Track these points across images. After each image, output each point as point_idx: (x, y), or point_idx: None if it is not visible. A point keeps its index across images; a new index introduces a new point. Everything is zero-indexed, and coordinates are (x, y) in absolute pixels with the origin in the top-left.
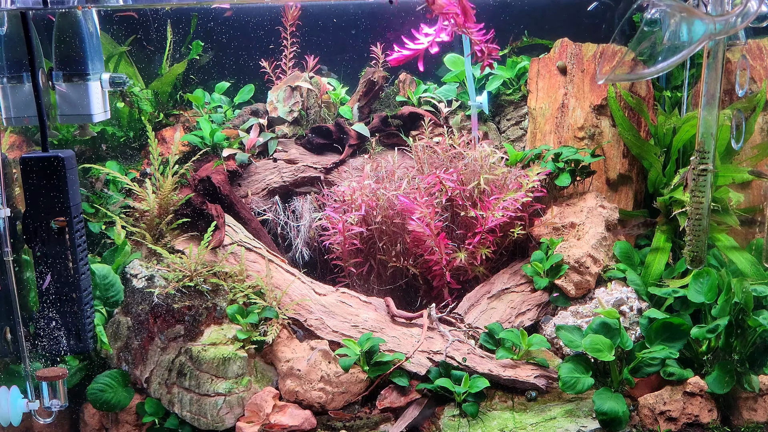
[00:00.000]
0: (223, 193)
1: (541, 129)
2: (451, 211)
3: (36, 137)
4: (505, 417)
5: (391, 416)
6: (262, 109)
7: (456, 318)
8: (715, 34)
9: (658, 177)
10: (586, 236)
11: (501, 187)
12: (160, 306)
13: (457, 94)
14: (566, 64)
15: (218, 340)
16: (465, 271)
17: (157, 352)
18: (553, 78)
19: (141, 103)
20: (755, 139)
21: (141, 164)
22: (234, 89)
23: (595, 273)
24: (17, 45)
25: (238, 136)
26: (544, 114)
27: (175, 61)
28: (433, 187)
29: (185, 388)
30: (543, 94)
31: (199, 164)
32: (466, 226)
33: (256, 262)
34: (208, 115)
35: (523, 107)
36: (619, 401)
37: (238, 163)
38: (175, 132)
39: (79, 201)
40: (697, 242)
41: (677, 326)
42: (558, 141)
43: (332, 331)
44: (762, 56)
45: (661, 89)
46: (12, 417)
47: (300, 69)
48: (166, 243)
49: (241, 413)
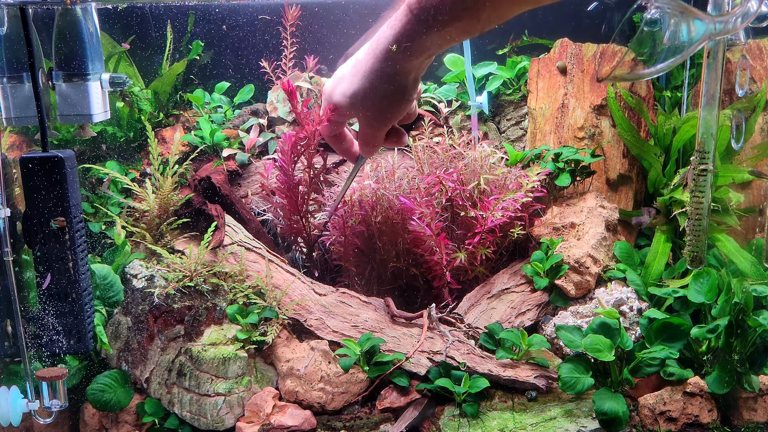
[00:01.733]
0: (223, 193)
1: (541, 129)
2: (451, 211)
3: (36, 137)
4: (505, 417)
5: (391, 416)
6: (262, 109)
7: (456, 318)
8: (715, 34)
9: (658, 177)
10: (586, 236)
11: (501, 188)
12: (160, 306)
13: (457, 94)
14: (566, 64)
15: (218, 340)
16: (465, 271)
17: (157, 352)
18: (553, 78)
19: (141, 103)
20: (755, 139)
21: (141, 164)
22: (234, 89)
23: (595, 273)
24: (17, 45)
25: (238, 136)
26: (544, 114)
27: (175, 60)
28: (433, 187)
29: (185, 388)
30: (543, 94)
31: (199, 164)
32: (466, 226)
33: (256, 262)
34: (208, 115)
35: (523, 107)
36: (619, 401)
37: (238, 163)
38: (175, 132)
39: (79, 201)
40: (697, 242)
41: (677, 326)
42: (558, 141)
43: (332, 331)
44: (762, 56)
45: (661, 89)
46: (12, 417)
47: (300, 69)
48: (166, 243)
49: (241, 413)
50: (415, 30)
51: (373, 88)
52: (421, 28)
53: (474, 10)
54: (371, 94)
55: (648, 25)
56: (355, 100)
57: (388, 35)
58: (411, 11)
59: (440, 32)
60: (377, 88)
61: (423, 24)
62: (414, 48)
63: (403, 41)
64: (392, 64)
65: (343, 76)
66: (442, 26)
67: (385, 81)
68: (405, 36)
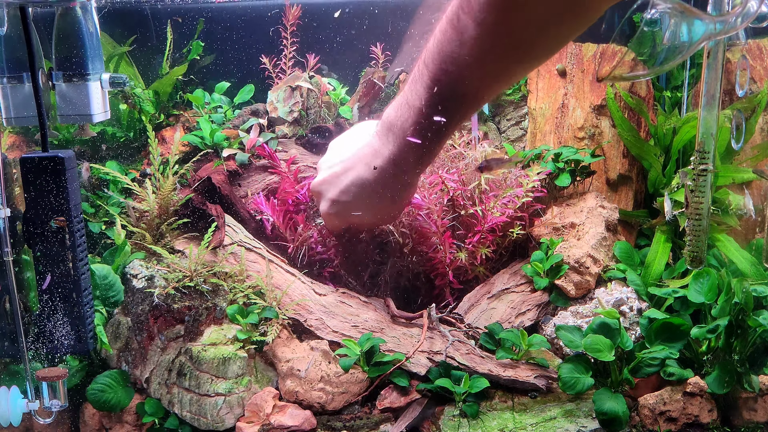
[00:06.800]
0: (223, 193)
1: (541, 129)
2: (452, 211)
3: (36, 137)
4: (505, 417)
5: (391, 416)
6: (262, 109)
7: (456, 318)
8: (715, 34)
9: (658, 177)
10: (586, 236)
11: (501, 187)
12: (160, 306)
13: None
14: (565, 66)
15: (218, 340)
16: (465, 271)
17: (157, 352)
18: (553, 78)
19: (142, 103)
20: (755, 140)
21: (141, 164)
22: (234, 89)
23: (595, 273)
24: (17, 45)
25: (238, 136)
26: (544, 114)
27: (176, 61)
28: (436, 186)
29: (185, 388)
30: (543, 94)
31: (199, 164)
32: (467, 226)
33: (256, 262)
34: (208, 116)
35: (523, 107)
36: (619, 401)
37: (238, 163)
38: (175, 132)
39: (79, 201)
40: (697, 242)
41: (677, 326)
42: (558, 141)
43: (332, 331)
44: (762, 56)
45: (661, 89)
46: (12, 417)
47: (300, 69)
48: (166, 243)
49: (241, 413)
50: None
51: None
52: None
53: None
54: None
55: (648, 25)
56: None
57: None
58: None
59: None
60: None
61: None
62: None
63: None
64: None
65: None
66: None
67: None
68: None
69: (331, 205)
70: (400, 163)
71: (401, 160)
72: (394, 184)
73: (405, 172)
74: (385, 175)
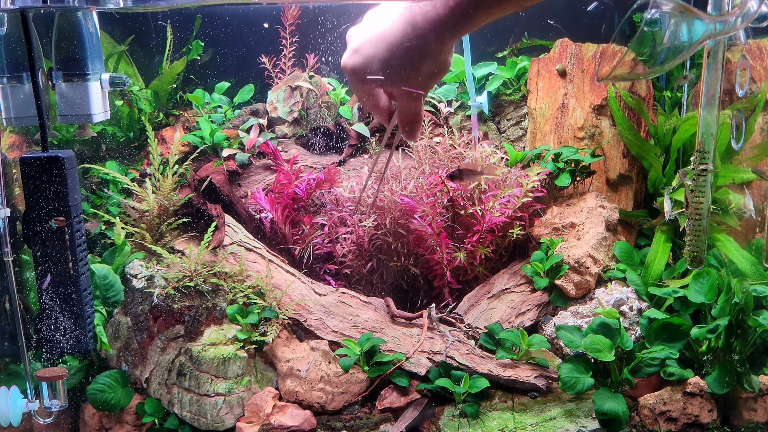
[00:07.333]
0: (223, 193)
1: (541, 129)
2: (452, 211)
3: (36, 137)
4: (505, 417)
5: (391, 416)
6: (262, 109)
7: (456, 318)
8: (715, 34)
9: (658, 177)
10: (586, 236)
11: (501, 187)
12: (160, 306)
13: (457, 94)
14: (565, 67)
15: (218, 341)
16: (465, 271)
17: (156, 352)
18: (553, 78)
19: (141, 103)
20: (755, 139)
21: (141, 164)
22: (234, 89)
23: (595, 273)
24: (17, 45)
25: (238, 136)
26: (544, 114)
27: (175, 60)
28: (435, 186)
29: (185, 388)
30: (543, 94)
31: (199, 164)
32: (466, 226)
33: (256, 262)
34: (208, 115)
35: (523, 107)
36: (619, 401)
37: (238, 163)
38: (175, 132)
39: (79, 201)
40: (697, 242)
41: (677, 326)
42: (558, 141)
43: (332, 332)
44: (762, 56)
45: (661, 89)
46: (12, 417)
47: (300, 69)
48: (166, 243)
49: (241, 413)
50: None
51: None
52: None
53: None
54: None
55: (648, 25)
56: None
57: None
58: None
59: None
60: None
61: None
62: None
63: None
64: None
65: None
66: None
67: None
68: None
69: (352, 55)
70: (438, 27)
71: (440, 24)
72: (424, 48)
73: (441, 38)
74: (418, 34)
